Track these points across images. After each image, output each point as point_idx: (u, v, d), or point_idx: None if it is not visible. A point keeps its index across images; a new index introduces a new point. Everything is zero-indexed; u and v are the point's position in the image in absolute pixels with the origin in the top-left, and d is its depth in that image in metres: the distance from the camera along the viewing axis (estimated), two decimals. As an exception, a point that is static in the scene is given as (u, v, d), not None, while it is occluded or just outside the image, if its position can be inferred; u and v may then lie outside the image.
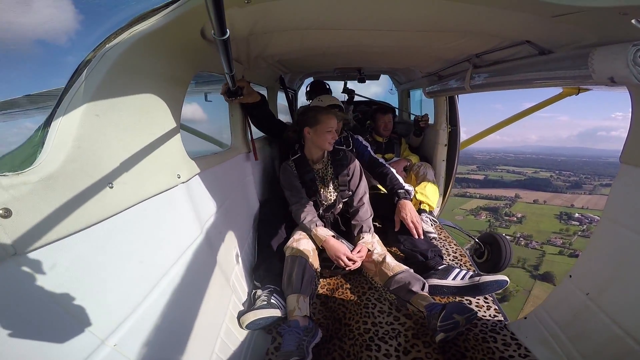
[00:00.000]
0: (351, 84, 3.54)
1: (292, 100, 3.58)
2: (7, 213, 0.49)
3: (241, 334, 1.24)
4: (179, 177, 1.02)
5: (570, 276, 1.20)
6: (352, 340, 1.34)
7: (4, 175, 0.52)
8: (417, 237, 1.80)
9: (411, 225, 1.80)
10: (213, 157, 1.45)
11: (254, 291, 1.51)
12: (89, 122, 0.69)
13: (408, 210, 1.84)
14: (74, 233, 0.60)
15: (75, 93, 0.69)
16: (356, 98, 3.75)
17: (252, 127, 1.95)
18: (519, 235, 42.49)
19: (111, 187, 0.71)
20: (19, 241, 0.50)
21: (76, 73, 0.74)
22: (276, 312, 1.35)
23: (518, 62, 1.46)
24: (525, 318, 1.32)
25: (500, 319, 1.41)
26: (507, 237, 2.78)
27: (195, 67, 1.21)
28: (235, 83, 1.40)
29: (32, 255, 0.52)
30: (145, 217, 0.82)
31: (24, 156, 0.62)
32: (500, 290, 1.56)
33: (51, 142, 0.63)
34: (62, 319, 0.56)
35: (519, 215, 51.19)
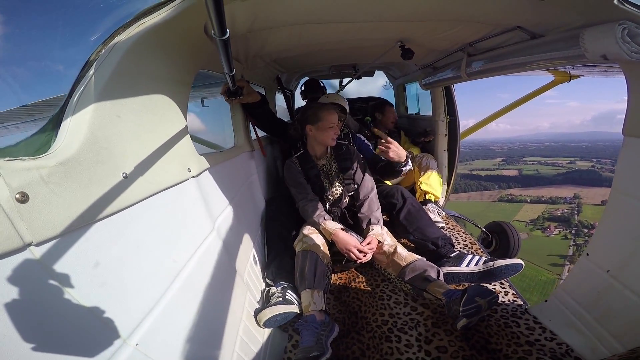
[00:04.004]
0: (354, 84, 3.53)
1: (289, 101, 3.58)
2: (25, 198, 0.46)
3: (259, 333, 1.20)
4: (189, 171, 1.00)
5: (588, 254, 1.19)
6: (370, 333, 1.30)
7: (20, 160, 0.49)
8: (383, 147, 1.61)
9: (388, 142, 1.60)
10: (220, 154, 1.43)
11: (267, 289, 1.47)
12: (101, 113, 0.67)
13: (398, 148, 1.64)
14: (91, 223, 0.57)
15: (87, 84, 0.68)
16: (353, 95, 3.75)
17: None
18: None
19: (125, 177, 0.68)
20: (36, 229, 0.47)
21: (86, 65, 0.74)
22: (293, 308, 1.31)
23: (511, 47, 1.47)
24: (546, 301, 1.30)
25: (520, 303, 1.38)
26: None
27: (198, 63, 1.20)
28: (235, 83, 1.39)
29: (49, 245, 0.49)
30: (160, 210, 0.79)
31: (38, 144, 0.60)
32: (516, 275, 1.54)
33: (65, 131, 0.61)
34: (82, 315, 0.52)
35: (601, 227, 39.14)
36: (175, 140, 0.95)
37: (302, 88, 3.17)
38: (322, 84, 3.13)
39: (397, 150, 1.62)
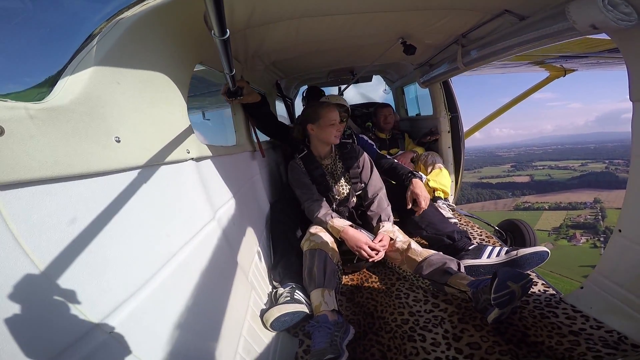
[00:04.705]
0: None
1: (289, 109, 3.58)
2: None
3: (266, 336, 1.07)
4: (188, 152, 0.93)
5: (620, 230, 1.08)
6: (390, 334, 1.17)
7: (4, 100, 0.44)
8: (419, 212, 1.73)
9: (421, 200, 1.70)
10: (221, 147, 1.37)
11: (274, 290, 1.35)
12: (99, 75, 0.65)
13: (420, 187, 1.75)
14: (73, 178, 0.49)
15: (87, 54, 0.67)
16: (353, 102, 3.75)
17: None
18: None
19: (118, 141, 0.62)
20: (3, 169, 0.39)
21: (89, 38, 0.74)
22: (302, 307, 1.19)
23: (503, 32, 1.47)
24: (582, 288, 1.17)
25: (552, 292, 1.25)
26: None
27: (199, 53, 1.18)
28: (235, 83, 1.36)
29: (16, 190, 0.41)
30: (154, 184, 0.72)
31: (30, 97, 0.56)
32: (542, 264, 1.41)
33: (61, 88, 0.58)
34: (44, 286, 0.43)
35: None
36: (175, 121, 0.91)
37: (304, 94, 3.17)
38: (323, 92, 3.13)
39: (427, 200, 1.73)
